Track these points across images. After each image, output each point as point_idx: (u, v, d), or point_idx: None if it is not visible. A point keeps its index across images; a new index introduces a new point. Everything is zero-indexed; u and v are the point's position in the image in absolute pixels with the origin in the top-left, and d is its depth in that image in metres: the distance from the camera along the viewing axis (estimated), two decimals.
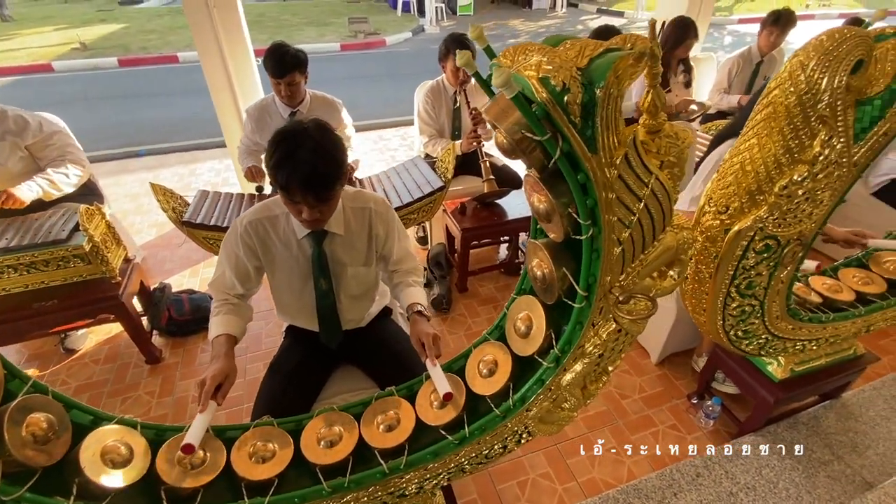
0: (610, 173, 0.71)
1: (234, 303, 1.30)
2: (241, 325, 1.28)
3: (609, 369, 1.10)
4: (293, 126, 1.08)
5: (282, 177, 1.05)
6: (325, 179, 1.07)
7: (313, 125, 1.09)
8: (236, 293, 1.31)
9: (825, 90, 0.87)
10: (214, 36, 2.55)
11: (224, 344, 1.19)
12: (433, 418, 1.07)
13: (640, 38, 0.70)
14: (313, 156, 1.04)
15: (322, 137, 1.07)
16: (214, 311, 1.28)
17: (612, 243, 0.81)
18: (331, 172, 1.08)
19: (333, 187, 1.10)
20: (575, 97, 0.63)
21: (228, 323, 1.24)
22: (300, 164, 1.03)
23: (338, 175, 1.10)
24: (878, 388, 1.89)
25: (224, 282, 1.31)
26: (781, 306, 1.26)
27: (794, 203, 0.99)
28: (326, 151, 1.06)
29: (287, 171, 1.04)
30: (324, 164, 1.06)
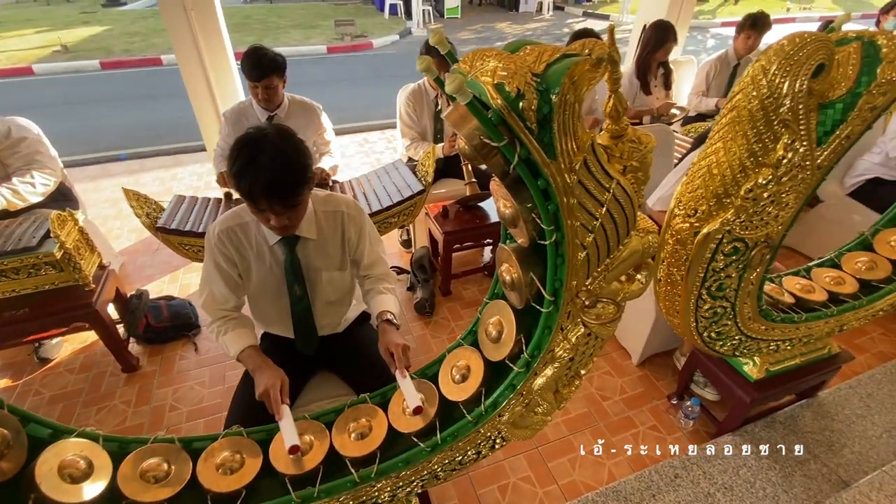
0: (570, 179, 0.71)
1: (234, 317, 1.30)
2: (253, 334, 1.30)
3: (581, 373, 1.11)
4: (253, 133, 1.07)
5: (245, 185, 1.03)
6: (290, 185, 1.06)
7: (274, 130, 1.08)
8: (230, 307, 1.30)
9: (787, 94, 0.88)
10: (192, 39, 2.52)
11: (256, 355, 1.22)
12: (405, 425, 1.07)
13: (598, 43, 0.70)
14: (275, 161, 1.02)
15: (283, 142, 1.06)
16: (220, 330, 1.27)
17: (576, 248, 0.81)
18: (295, 177, 1.07)
19: (299, 192, 1.09)
20: (530, 103, 0.62)
21: (243, 336, 1.26)
22: (262, 170, 1.02)
23: (303, 179, 1.09)
24: (853, 386, 1.92)
25: (216, 298, 1.29)
26: (753, 307, 1.27)
27: (759, 206, 1.00)
28: (289, 156, 1.05)
29: (250, 178, 1.03)
30: (287, 169, 1.04)
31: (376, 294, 1.39)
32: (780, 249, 2.99)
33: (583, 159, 0.70)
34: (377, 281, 1.42)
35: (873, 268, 1.57)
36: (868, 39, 0.94)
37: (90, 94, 6.44)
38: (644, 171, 0.85)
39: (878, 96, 0.91)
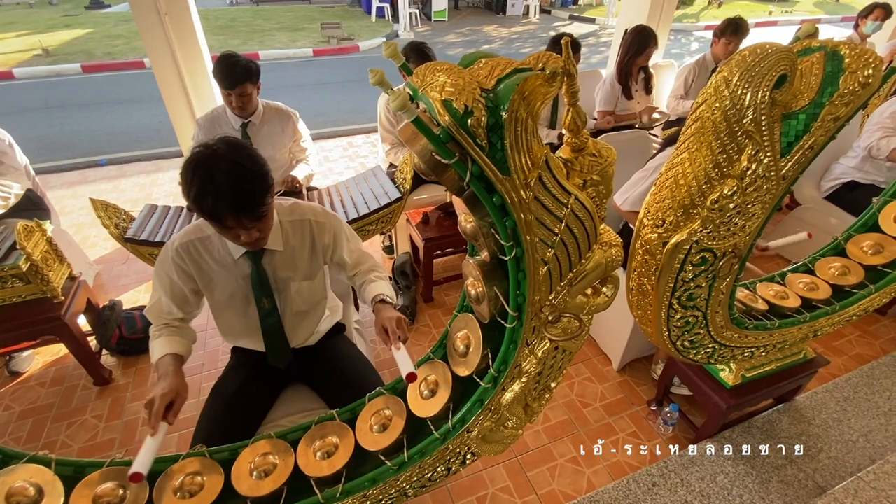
0: (526, 195, 0.70)
1: (175, 325, 1.25)
2: (186, 344, 1.24)
3: (552, 385, 1.09)
4: (202, 150, 1.03)
5: (208, 206, 1.00)
6: (254, 195, 1.03)
7: (222, 144, 1.05)
8: (175, 317, 1.26)
9: (749, 105, 0.87)
10: (167, 43, 2.48)
11: (171, 363, 1.15)
12: (372, 443, 1.04)
13: (552, 57, 0.68)
14: (233, 175, 1.00)
15: (236, 154, 1.03)
16: (154, 335, 1.23)
17: (537, 263, 0.79)
18: (257, 187, 1.04)
19: (264, 201, 1.06)
20: (479, 120, 0.61)
21: (172, 343, 1.20)
22: (222, 186, 0.99)
23: (265, 187, 1.06)
24: (830, 390, 1.93)
25: (161, 307, 1.25)
26: (725, 316, 1.27)
27: (726, 217, 0.99)
28: (245, 167, 1.02)
29: (211, 198, 0.99)
30: (247, 180, 1.01)
31: (368, 284, 1.37)
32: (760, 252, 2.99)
33: (537, 175, 0.68)
34: (367, 273, 1.40)
35: (846, 273, 1.58)
36: (831, 49, 0.94)
37: (71, 99, 6.32)
38: (606, 185, 0.84)
39: (840, 107, 0.91)
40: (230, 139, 1.10)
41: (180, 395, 1.09)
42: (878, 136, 2.35)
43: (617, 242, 0.89)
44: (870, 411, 1.83)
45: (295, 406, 1.45)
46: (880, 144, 2.33)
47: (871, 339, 2.35)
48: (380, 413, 1.09)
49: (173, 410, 1.05)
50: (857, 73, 0.89)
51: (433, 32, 10.98)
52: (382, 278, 1.40)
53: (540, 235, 0.76)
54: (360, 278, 1.41)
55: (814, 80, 0.93)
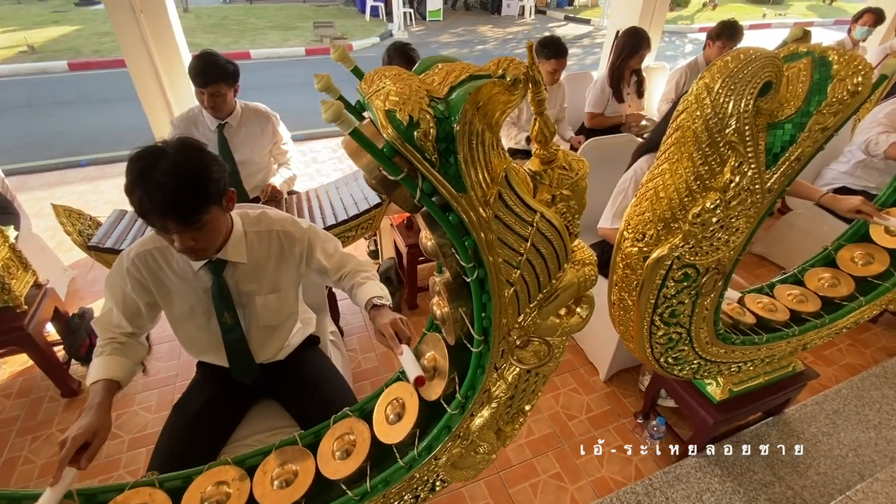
0: (485, 213, 0.64)
1: (121, 342, 1.17)
2: (128, 366, 1.15)
3: (526, 409, 1.03)
4: (151, 147, 0.97)
5: (135, 200, 0.94)
6: (187, 202, 0.96)
7: (176, 143, 0.98)
8: (124, 332, 1.19)
9: (732, 115, 0.82)
10: (143, 41, 2.40)
11: (100, 392, 1.05)
12: (333, 470, 0.98)
13: (513, 62, 0.62)
14: (170, 176, 0.93)
15: (184, 156, 0.96)
16: (97, 351, 1.15)
17: (502, 284, 0.73)
18: (194, 193, 0.97)
19: (200, 211, 0.98)
20: (427, 132, 0.54)
21: (110, 365, 1.11)
22: (154, 186, 0.92)
23: (204, 196, 0.98)
24: (819, 402, 1.88)
25: (110, 319, 1.18)
26: (710, 332, 1.21)
27: (708, 231, 0.93)
28: (189, 170, 0.95)
29: (139, 194, 0.93)
30: (185, 184, 0.94)
31: (358, 287, 1.29)
32: (751, 257, 2.95)
33: (497, 192, 0.62)
34: (354, 275, 1.32)
35: (836, 285, 1.54)
36: (819, 55, 0.89)
37: (55, 97, 6.21)
38: (578, 200, 0.78)
39: (828, 116, 0.85)
40: (190, 140, 1.03)
41: (99, 435, 0.97)
42: (878, 132, 2.27)
43: (591, 260, 0.83)
44: (860, 424, 1.79)
45: (263, 424, 1.39)
46: (879, 139, 2.24)
47: (861, 349, 2.31)
48: (343, 437, 1.03)
49: (88, 453, 0.94)
50: (845, 80, 0.83)
51: (427, 32, 10.91)
52: (371, 278, 1.33)
53: (504, 256, 0.70)
54: (347, 281, 1.33)
55: (801, 88, 0.88)
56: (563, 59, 2.55)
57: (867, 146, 2.26)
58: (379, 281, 1.32)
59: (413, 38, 10.22)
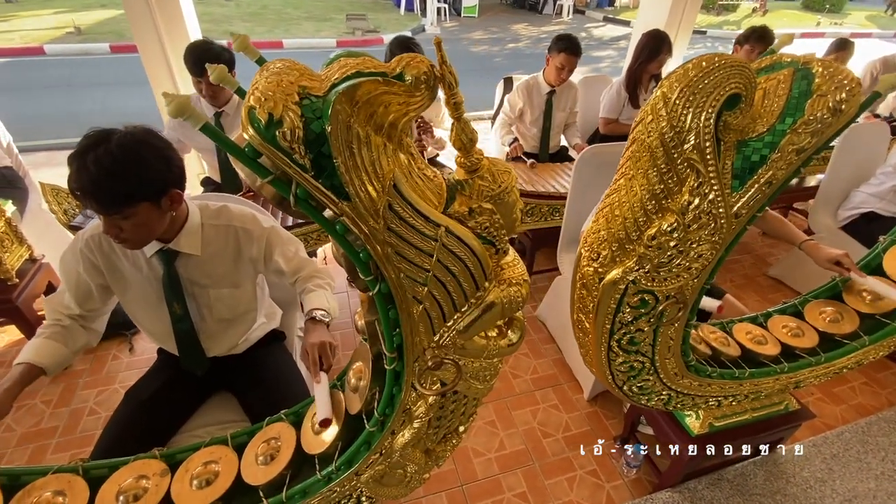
0: (376, 224, 0.58)
1: (65, 325, 1.17)
2: (62, 354, 1.14)
3: (460, 430, 0.97)
4: (103, 129, 0.97)
5: (69, 174, 0.95)
6: (110, 193, 0.94)
7: (127, 133, 0.97)
8: (72, 314, 1.18)
9: (690, 129, 0.73)
10: (154, 27, 2.43)
11: (14, 377, 1.05)
12: (253, 476, 0.94)
13: (415, 60, 0.56)
14: (98, 165, 0.91)
15: (124, 147, 0.94)
16: (39, 331, 1.15)
17: (408, 301, 0.67)
18: (120, 187, 0.94)
19: (120, 204, 0.96)
20: (292, 132, 0.49)
21: (42, 350, 1.11)
22: (83, 168, 0.92)
23: (128, 192, 0.96)
24: (818, 444, 1.74)
25: (61, 300, 1.18)
26: (678, 364, 1.12)
27: (666, 256, 0.85)
28: (118, 163, 0.93)
29: (71, 171, 0.94)
30: (109, 177, 0.92)
31: (306, 294, 1.28)
32: (767, 281, 2.78)
33: (387, 203, 0.57)
34: (307, 280, 1.31)
35: (838, 320, 1.40)
36: (802, 66, 0.78)
37: (94, 78, 6.46)
38: (506, 215, 0.71)
39: (804, 136, 0.75)
40: (144, 131, 1.02)
41: None
42: None
43: (520, 280, 0.76)
44: (860, 473, 1.64)
45: (215, 416, 1.37)
46: None
47: (877, 388, 2.13)
48: (270, 442, 0.99)
49: None
50: (827, 96, 0.73)
51: (460, 28, 10.83)
52: (322, 286, 1.30)
53: (406, 271, 0.64)
54: (299, 286, 1.32)
55: (777, 103, 0.78)
56: (573, 55, 2.44)
57: None
58: (331, 292, 1.29)
59: (444, 34, 10.17)
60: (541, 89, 2.66)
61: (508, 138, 2.73)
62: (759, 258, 3.03)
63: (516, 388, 2.07)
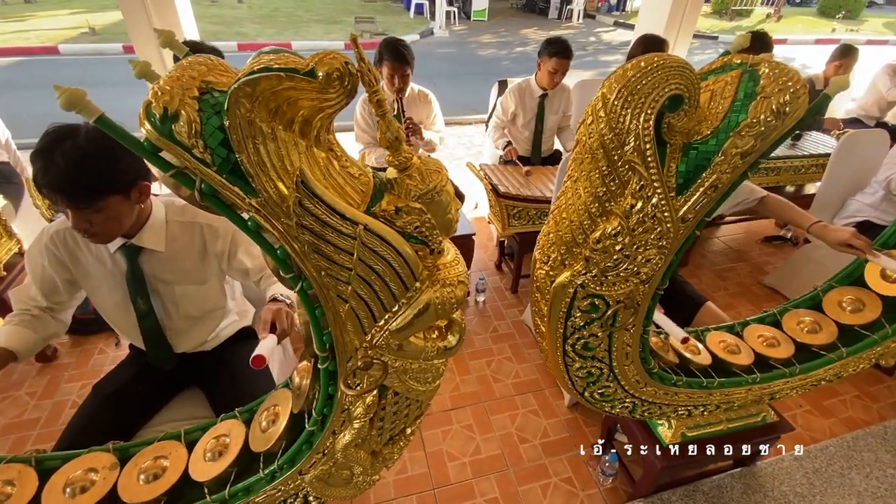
0: (288, 220, 0.58)
1: (34, 314, 1.19)
2: (32, 340, 1.16)
3: (407, 432, 0.96)
4: (69, 124, 0.98)
5: (34, 171, 0.95)
6: (77, 188, 0.95)
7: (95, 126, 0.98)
8: (39, 305, 1.20)
9: (630, 131, 0.72)
10: (150, 27, 2.47)
11: None
12: (200, 472, 0.94)
13: (329, 56, 0.56)
14: (68, 160, 0.92)
15: (96, 139, 0.96)
16: (7, 319, 1.17)
17: (334, 299, 0.67)
18: (92, 179, 0.96)
19: (91, 198, 0.97)
20: (190, 126, 0.49)
21: (12, 336, 1.13)
22: (51, 164, 0.93)
23: (99, 186, 0.97)
24: (799, 458, 1.69)
25: (28, 292, 1.20)
26: (639, 371, 1.09)
27: (612, 260, 0.83)
28: (87, 157, 0.94)
29: (37, 167, 0.95)
30: (79, 170, 0.93)
31: (270, 287, 1.29)
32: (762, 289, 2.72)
33: (296, 199, 0.56)
34: (270, 276, 1.32)
35: (816, 330, 1.36)
36: (750, 67, 0.76)
37: (106, 77, 6.59)
38: (438, 215, 0.71)
39: (748, 139, 0.73)
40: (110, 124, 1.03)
41: None
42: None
43: (455, 281, 0.75)
44: (841, 489, 1.59)
45: (182, 412, 1.38)
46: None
47: (868, 402, 2.07)
48: (220, 439, 0.99)
49: None
50: (770, 98, 0.71)
51: (469, 31, 10.86)
52: None
53: (326, 269, 0.63)
54: (264, 282, 1.32)
55: (723, 105, 0.76)
56: (564, 59, 2.43)
57: (889, 184, 2.04)
58: None
59: (453, 37, 10.20)
60: (533, 93, 2.65)
61: (502, 142, 2.72)
62: (756, 266, 2.97)
63: (497, 393, 2.05)
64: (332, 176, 0.61)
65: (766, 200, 1.60)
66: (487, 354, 2.25)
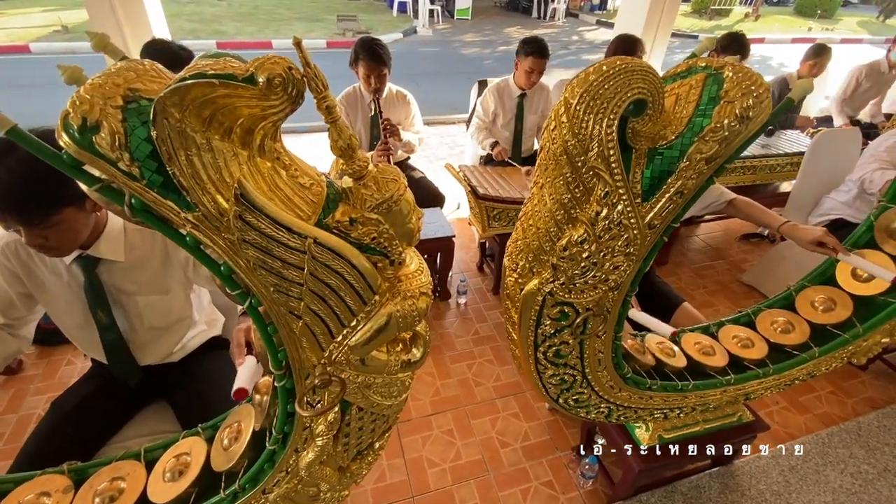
0: (230, 235, 0.54)
1: None
2: None
3: (376, 446, 0.94)
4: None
5: None
6: (27, 203, 0.90)
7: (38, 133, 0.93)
8: None
9: (593, 137, 0.70)
10: (118, 28, 2.39)
11: None
12: (159, 493, 0.90)
13: (269, 61, 0.53)
14: (14, 174, 0.87)
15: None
16: None
17: (286, 316, 0.64)
18: (38, 195, 0.91)
19: (45, 212, 0.92)
20: (114, 137, 0.46)
21: None
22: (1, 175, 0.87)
23: (51, 199, 0.92)
24: (775, 456, 1.70)
25: None
26: (612, 377, 1.08)
27: (579, 267, 0.81)
28: (34, 170, 0.89)
29: None
30: (28, 184, 0.88)
31: None
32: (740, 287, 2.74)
33: (236, 213, 0.53)
34: None
35: (789, 331, 1.37)
36: (715, 71, 0.75)
37: None
38: (397, 224, 0.68)
39: (712, 144, 0.72)
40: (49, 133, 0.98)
41: None
42: (873, 168, 2.09)
43: (416, 293, 0.72)
44: (817, 486, 1.60)
45: (148, 427, 1.33)
46: (874, 177, 2.07)
47: (843, 397, 2.10)
48: (181, 457, 0.95)
49: None
50: (734, 103, 0.70)
51: (452, 30, 10.82)
52: None
53: (275, 285, 0.60)
54: None
55: (688, 109, 0.75)
56: (540, 58, 2.41)
57: (862, 183, 2.07)
58: None
59: (436, 35, 10.16)
60: (512, 92, 2.63)
61: (488, 142, 2.70)
62: (734, 264, 3.00)
63: (478, 397, 2.03)
64: (278, 187, 0.58)
65: (735, 203, 1.62)
66: (469, 357, 2.23)
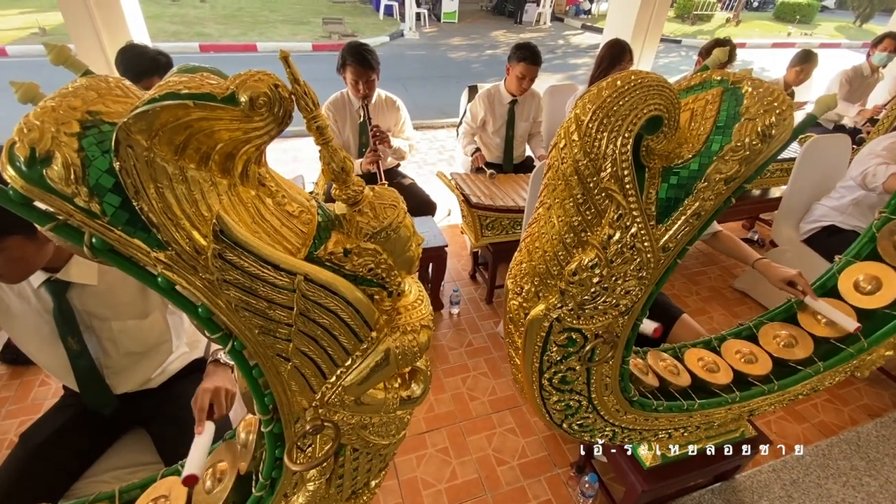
0: (208, 275, 0.48)
1: None
2: None
3: (371, 485, 0.87)
4: None
5: None
6: None
7: None
8: None
9: (606, 156, 0.65)
10: (94, 31, 2.29)
11: None
12: None
13: (253, 77, 0.47)
14: None
15: None
16: None
17: (272, 359, 0.57)
18: None
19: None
20: (69, 171, 0.39)
21: None
22: None
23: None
24: (777, 469, 1.68)
25: None
26: (619, 400, 1.04)
27: (589, 293, 0.76)
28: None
29: None
30: None
31: None
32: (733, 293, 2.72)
33: (214, 251, 0.47)
34: None
35: (793, 345, 1.34)
36: (732, 85, 0.71)
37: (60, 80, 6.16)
38: (396, 252, 0.62)
39: (732, 164, 0.68)
40: None
41: None
42: (876, 163, 2.06)
43: (416, 327, 0.66)
44: (819, 499, 1.58)
45: (126, 458, 1.24)
46: (877, 170, 2.03)
47: (839, 405, 2.09)
48: (158, 501, 0.88)
49: None
50: (755, 120, 0.66)
51: (439, 34, 10.79)
52: None
53: (260, 327, 0.54)
54: None
55: (705, 126, 0.70)
56: (532, 65, 2.37)
57: (864, 178, 2.04)
58: None
59: (423, 39, 10.12)
60: (503, 99, 2.59)
61: (470, 148, 2.65)
62: (726, 270, 3.00)
63: (473, 412, 1.97)
64: (263, 218, 0.52)
65: (720, 236, 1.62)
66: (463, 370, 2.17)
